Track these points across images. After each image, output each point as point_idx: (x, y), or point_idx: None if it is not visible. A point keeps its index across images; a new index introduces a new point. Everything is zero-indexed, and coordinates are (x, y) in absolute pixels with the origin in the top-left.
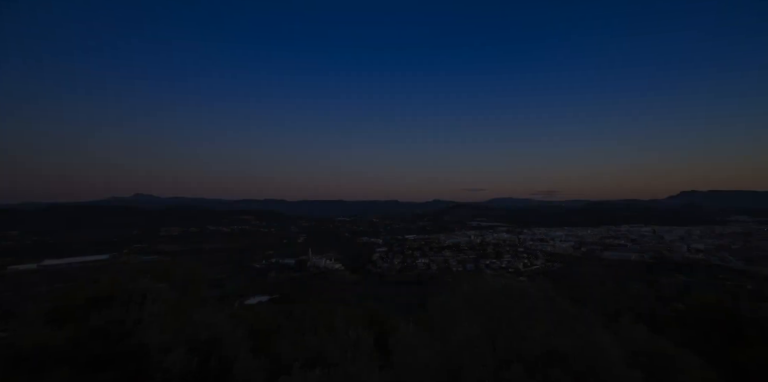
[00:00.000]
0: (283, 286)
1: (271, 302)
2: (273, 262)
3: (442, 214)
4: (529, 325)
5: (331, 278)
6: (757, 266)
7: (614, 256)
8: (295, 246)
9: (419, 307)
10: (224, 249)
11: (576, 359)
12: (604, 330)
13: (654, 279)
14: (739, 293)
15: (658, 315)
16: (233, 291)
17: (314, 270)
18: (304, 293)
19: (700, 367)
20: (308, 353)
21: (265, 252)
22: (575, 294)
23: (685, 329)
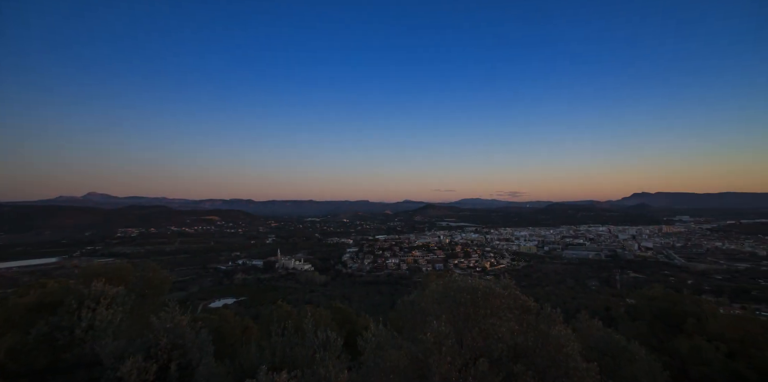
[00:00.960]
0: (250, 288)
1: (237, 304)
2: (240, 263)
3: (412, 214)
4: (494, 322)
5: (301, 279)
6: (696, 263)
7: (574, 254)
8: (264, 247)
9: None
10: (187, 251)
11: (538, 354)
12: (563, 326)
13: (609, 276)
14: (681, 287)
15: (612, 310)
16: (197, 294)
17: (283, 271)
18: (272, 294)
19: (647, 357)
20: (276, 356)
21: (231, 253)
22: (538, 292)
23: (635, 322)
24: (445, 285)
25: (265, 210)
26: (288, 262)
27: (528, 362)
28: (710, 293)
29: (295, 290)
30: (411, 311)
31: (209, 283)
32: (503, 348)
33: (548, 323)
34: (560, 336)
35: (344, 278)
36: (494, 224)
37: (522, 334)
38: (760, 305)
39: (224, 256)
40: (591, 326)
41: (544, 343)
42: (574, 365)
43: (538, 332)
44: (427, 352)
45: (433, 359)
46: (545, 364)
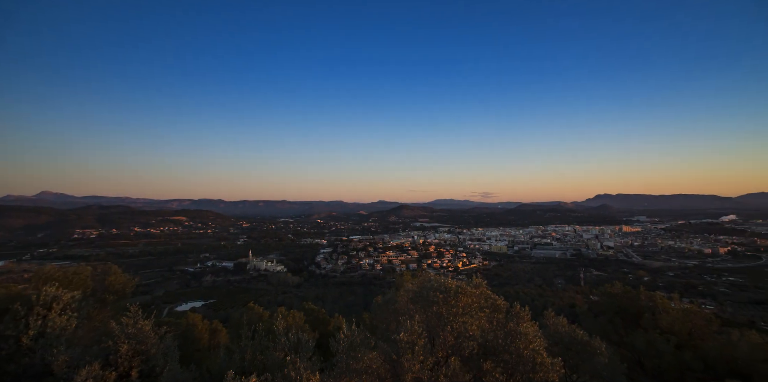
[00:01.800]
0: (220, 290)
1: (206, 307)
2: (209, 265)
3: (387, 214)
4: (466, 321)
5: (273, 281)
6: (651, 261)
7: (542, 254)
8: (235, 248)
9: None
10: (153, 252)
11: (507, 351)
12: (531, 323)
13: (574, 274)
14: (638, 284)
15: (577, 307)
16: (162, 297)
17: (255, 273)
18: (243, 296)
19: (607, 351)
20: (245, 360)
21: (200, 255)
22: (508, 290)
23: (597, 318)
24: (419, 285)
25: (236, 210)
26: (260, 263)
27: (497, 359)
28: (663, 289)
29: (266, 292)
30: (385, 311)
31: (176, 286)
32: (474, 346)
33: (517, 321)
34: (528, 333)
35: (318, 279)
36: (467, 225)
37: (492, 332)
38: (705, 300)
39: (192, 257)
40: (557, 322)
41: (513, 340)
42: (541, 360)
43: (507, 329)
44: (401, 352)
45: (406, 359)
46: (513, 360)
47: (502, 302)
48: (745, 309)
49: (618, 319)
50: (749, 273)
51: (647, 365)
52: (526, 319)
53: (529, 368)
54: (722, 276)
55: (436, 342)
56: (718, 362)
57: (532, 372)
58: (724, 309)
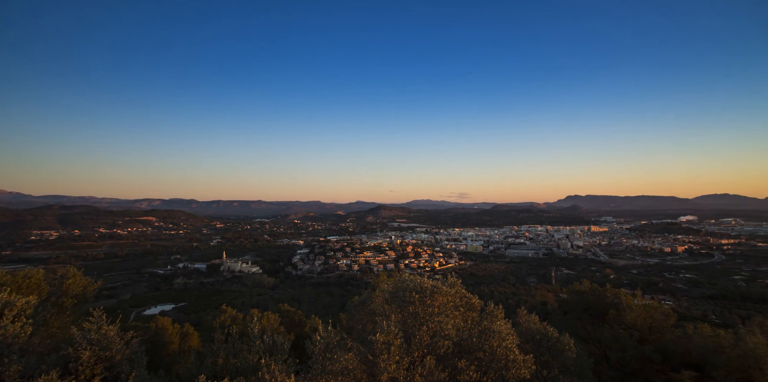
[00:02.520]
0: (191, 292)
1: (176, 310)
2: (180, 267)
3: (365, 215)
4: (441, 320)
5: (248, 282)
6: (617, 259)
7: (516, 253)
8: (208, 249)
9: (340, 308)
10: (119, 254)
11: (480, 349)
12: (504, 321)
13: (545, 273)
14: (605, 281)
15: (548, 304)
16: (129, 301)
17: (229, 274)
18: (216, 299)
19: (575, 346)
20: (217, 364)
21: (170, 256)
22: (483, 290)
23: (566, 315)
24: (396, 285)
25: (210, 211)
26: (234, 264)
27: (472, 357)
28: (627, 286)
29: (241, 294)
30: (361, 312)
31: (144, 289)
32: (449, 345)
33: (491, 320)
34: (501, 331)
35: (294, 280)
36: (444, 225)
37: (467, 330)
38: (665, 296)
39: (162, 259)
40: (529, 320)
41: (487, 338)
42: (513, 357)
43: (481, 328)
44: (377, 352)
45: (382, 359)
46: (487, 358)
47: (477, 301)
48: (699, 304)
49: (586, 315)
50: (703, 270)
51: (612, 358)
52: (499, 317)
53: (502, 365)
54: (680, 273)
55: (412, 342)
56: (674, 354)
57: (504, 369)
58: (681, 304)
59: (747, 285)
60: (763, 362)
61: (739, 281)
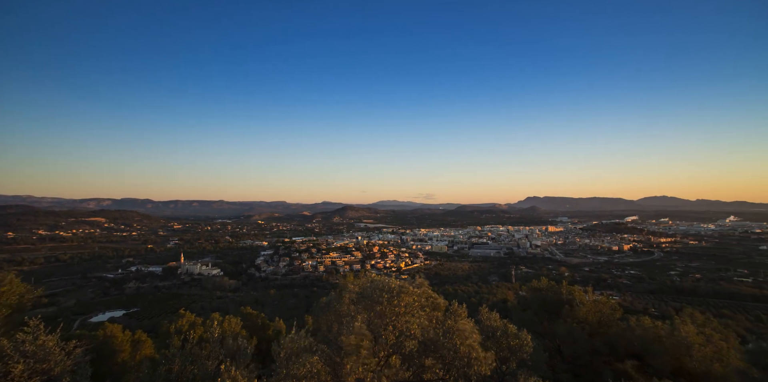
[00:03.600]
0: (145, 297)
1: (127, 316)
2: (133, 270)
3: (331, 215)
4: (408, 320)
5: (208, 285)
6: (571, 257)
7: (479, 253)
8: (164, 252)
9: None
10: (61, 258)
11: (444, 347)
12: (467, 320)
13: (506, 271)
14: (560, 279)
15: (508, 302)
16: (73, 308)
17: (187, 277)
18: (173, 303)
19: (533, 341)
20: (173, 372)
21: (122, 260)
22: (447, 289)
23: (525, 311)
24: (362, 286)
25: (167, 211)
26: (193, 267)
27: (436, 355)
28: (580, 282)
29: (200, 298)
30: (328, 313)
31: (91, 294)
32: (415, 344)
33: (455, 318)
34: (464, 329)
35: (257, 282)
36: (410, 225)
37: (432, 329)
38: (612, 291)
39: (113, 263)
40: (490, 318)
41: (451, 336)
42: (475, 354)
43: (446, 326)
44: (344, 354)
45: (349, 361)
46: (451, 356)
47: (442, 300)
48: (641, 298)
49: (543, 312)
50: (645, 267)
51: (565, 352)
52: (463, 316)
53: (465, 362)
54: (625, 270)
55: (378, 342)
56: (620, 345)
57: (467, 366)
58: (626, 299)
59: (680, 280)
60: (693, 349)
61: (674, 276)
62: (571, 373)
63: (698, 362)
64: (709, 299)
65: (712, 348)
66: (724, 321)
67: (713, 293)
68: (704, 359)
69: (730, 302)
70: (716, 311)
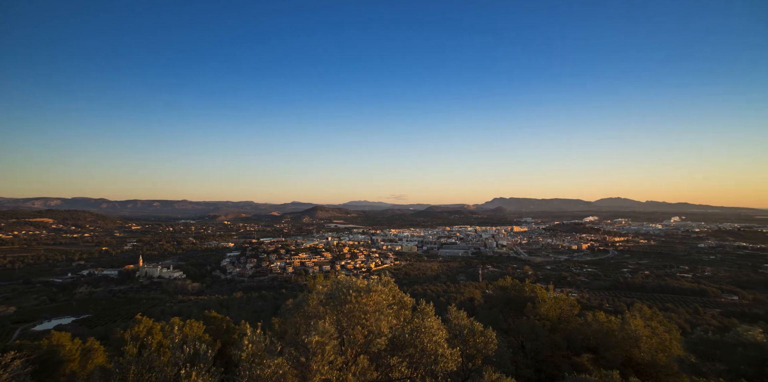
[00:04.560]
0: (99, 303)
1: (77, 323)
2: (84, 274)
3: (301, 216)
4: (377, 319)
5: (169, 288)
6: (535, 256)
7: (448, 252)
8: (121, 254)
9: (273, 312)
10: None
11: (412, 345)
12: (435, 318)
13: (473, 271)
14: (524, 277)
15: (475, 300)
16: (12, 316)
17: (146, 281)
18: (130, 308)
19: (498, 338)
20: (127, 380)
21: (72, 263)
22: (416, 288)
23: (491, 309)
24: (331, 286)
25: (125, 211)
26: (153, 270)
27: (404, 353)
28: (543, 281)
29: (161, 302)
30: (296, 315)
31: (34, 301)
32: (383, 342)
33: (422, 317)
34: (432, 327)
35: (223, 284)
36: (381, 226)
37: (400, 328)
38: (571, 288)
39: (61, 267)
40: (457, 316)
41: (418, 335)
42: (441, 352)
43: (413, 325)
44: (310, 355)
45: (315, 361)
46: (418, 354)
47: (410, 299)
48: (597, 294)
49: (507, 309)
50: (601, 265)
51: (528, 347)
52: (430, 314)
53: (432, 360)
54: (583, 268)
55: (346, 341)
56: (577, 340)
57: (434, 364)
58: (583, 295)
59: (632, 276)
60: (641, 341)
61: (626, 273)
62: (533, 368)
63: (645, 353)
64: (656, 294)
65: (657, 339)
66: (668, 314)
67: (659, 288)
68: (650, 349)
69: (674, 296)
70: (662, 304)
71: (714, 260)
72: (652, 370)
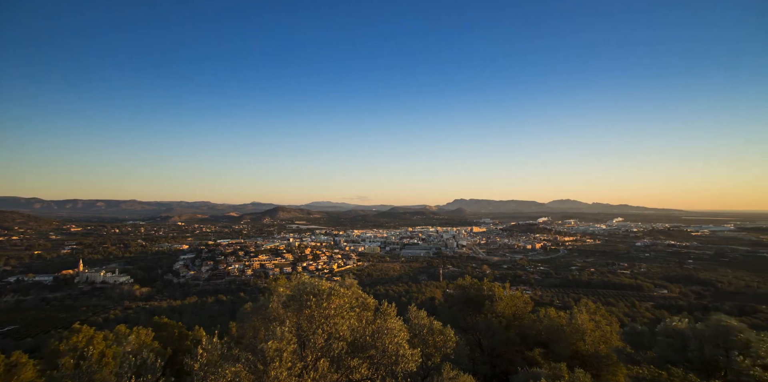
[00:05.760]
0: (28, 312)
1: (1, 336)
2: (11, 281)
3: (261, 217)
4: (337, 322)
5: (114, 294)
6: (492, 256)
7: (410, 253)
8: (57, 258)
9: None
10: None
11: (373, 347)
12: (396, 319)
13: (435, 271)
14: (482, 276)
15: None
16: None
17: (87, 286)
18: (66, 316)
19: (456, 336)
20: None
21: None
22: (379, 289)
23: (451, 308)
24: (292, 289)
25: (62, 212)
26: (95, 275)
27: (364, 355)
28: (499, 279)
29: (104, 309)
30: (255, 319)
31: None
32: (343, 345)
33: (384, 318)
34: (393, 328)
35: (176, 288)
36: (344, 226)
37: (361, 330)
38: (526, 286)
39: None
40: (418, 316)
41: (380, 336)
42: (402, 352)
43: (375, 326)
44: (268, 361)
45: (273, 367)
46: (379, 355)
47: (372, 300)
48: (549, 291)
49: (467, 308)
50: (552, 263)
51: (485, 344)
52: (392, 315)
53: (393, 360)
54: (537, 267)
55: (306, 346)
56: (530, 335)
57: (394, 364)
58: (536, 292)
59: (579, 274)
60: (586, 334)
61: (574, 271)
62: (489, 364)
63: (590, 345)
64: (600, 290)
65: (600, 332)
66: (609, 308)
67: (603, 284)
68: (594, 342)
69: (615, 291)
70: (605, 299)
71: (648, 257)
72: (595, 361)
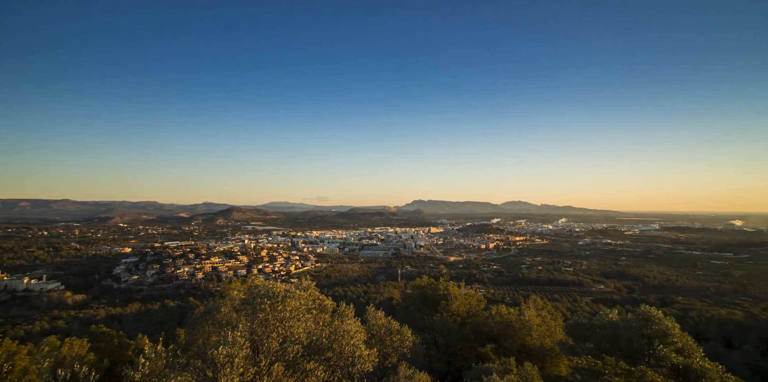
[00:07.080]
0: None
1: None
2: None
3: (214, 217)
4: (292, 325)
5: (40, 303)
6: (449, 256)
7: (369, 254)
8: None
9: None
10: None
11: (330, 349)
12: (354, 320)
13: (393, 271)
14: (439, 275)
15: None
16: None
17: (7, 295)
18: None
19: (413, 336)
20: None
21: None
22: (337, 291)
23: (408, 308)
24: (246, 292)
25: None
26: (16, 282)
27: (321, 357)
28: (455, 278)
29: (28, 320)
30: (205, 324)
31: None
32: (299, 349)
33: (341, 319)
34: (350, 330)
35: (116, 294)
36: (302, 227)
37: (318, 332)
38: (479, 285)
39: None
40: (375, 316)
41: (337, 338)
42: (359, 353)
43: (332, 328)
44: (218, 368)
45: (223, 374)
46: (336, 357)
47: (329, 302)
48: (501, 289)
49: (424, 307)
50: (504, 262)
51: (440, 342)
52: (350, 316)
53: (349, 362)
54: (490, 265)
55: (260, 350)
56: (482, 332)
57: (351, 366)
58: (489, 291)
59: (528, 272)
60: (533, 329)
61: (524, 269)
62: (444, 361)
63: (536, 339)
64: (547, 286)
65: (545, 327)
66: (554, 304)
67: (549, 281)
68: (540, 336)
69: (560, 287)
70: (551, 296)
71: (588, 255)
72: (540, 354)
